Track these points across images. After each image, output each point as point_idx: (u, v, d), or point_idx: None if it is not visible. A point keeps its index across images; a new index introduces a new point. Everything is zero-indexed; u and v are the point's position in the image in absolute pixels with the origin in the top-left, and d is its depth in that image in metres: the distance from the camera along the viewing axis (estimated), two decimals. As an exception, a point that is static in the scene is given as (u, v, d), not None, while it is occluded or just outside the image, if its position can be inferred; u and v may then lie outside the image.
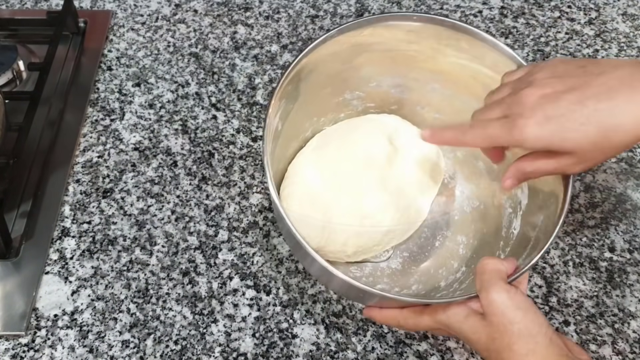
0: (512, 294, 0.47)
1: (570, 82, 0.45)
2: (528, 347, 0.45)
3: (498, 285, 0.47)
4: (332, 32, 0.57)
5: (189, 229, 0.65)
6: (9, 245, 0.62)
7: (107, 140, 0.72)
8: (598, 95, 0.43)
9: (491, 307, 0.46)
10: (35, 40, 0.79)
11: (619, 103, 0.43)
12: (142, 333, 0.58)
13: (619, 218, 0.69)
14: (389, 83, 0.65)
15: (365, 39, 0.59)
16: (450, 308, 0.48)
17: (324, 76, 0.61)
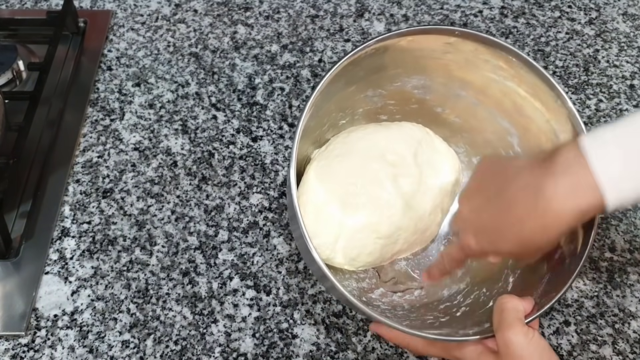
0: (530, 337, 0.47)
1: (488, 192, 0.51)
2: None
3: (516, 327, 0.47)
4: (370, 42, 0.56)
5: (189, 229, 0.65)
6: (9, 245, 0.62)
7: (107, 140, 0.72)
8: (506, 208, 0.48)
9: (508, 348, 0.46)
10: (35, 40, 0.79)
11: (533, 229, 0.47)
12: (142, 333, 0.58)
13: (619, 218, 0.69)
14: (413, 84, 0.64)
15: (401, 44, 0.59)
16: (465, 346, 0.49)
17: (351, 80, 0.60)
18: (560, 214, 0.45)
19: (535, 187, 0.45)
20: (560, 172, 0.44)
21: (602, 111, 0.78)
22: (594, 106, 0.79)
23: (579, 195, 0.44)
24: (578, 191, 0.44)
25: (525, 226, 0.47)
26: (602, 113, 0.78)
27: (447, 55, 0.60)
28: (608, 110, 0.78)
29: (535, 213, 0.46)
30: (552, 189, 0.44)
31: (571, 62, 0.83)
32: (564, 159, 0.45)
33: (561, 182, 0.44)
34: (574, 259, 0.52)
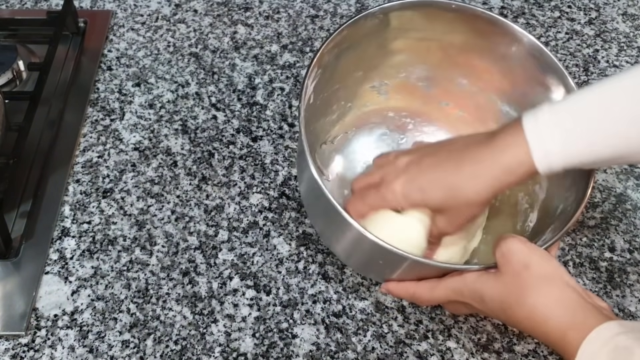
0: (528, 243, 0.48)
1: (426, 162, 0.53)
2: (544, 289, 0.45)
3: (512, 237, 0.48)
4: (374, 9, 0.57)
5: (189, 229, 0.65)
6: (9, 245, 0.62)
7: (107, 140, 0.72)
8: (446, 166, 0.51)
9: (505, 256, 0.47)
10: (35, 40, 0.79)
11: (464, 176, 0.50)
12: (142, 333, 0.58)
13: (619, 218, 0.69)
14: (417, 75, 0.65)
15: (403, 23, 0.59)
16: (466, 273, 0.49)
17: (358, 57, 0.61)
18: (492, 165, 0.48)
19: (474, 146, 0.50)
20: (499, 135, 0.49)
21: (602, 111, 0.78)
22: (593, 106, 0.79)
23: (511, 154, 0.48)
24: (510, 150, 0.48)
25: (458, 174, 0.50)
26: (602, 113, 0.78)
27: (447, 36, 0.60)
28: (608, 110, 0.78)
29: (469, 162, 0.49)
30: (486, 146, 0.49)
31: (571, 62, 0.83)
32: (505, 127, 0.49)
33: (498, 141, 0.49)
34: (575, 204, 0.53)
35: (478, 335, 0.60)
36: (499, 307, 0.47)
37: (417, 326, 0.60)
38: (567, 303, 0.45)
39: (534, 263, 0.46)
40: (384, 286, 0.55)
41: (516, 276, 0.46)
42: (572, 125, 0.46)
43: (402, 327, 0.60)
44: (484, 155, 0.49)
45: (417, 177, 0.52)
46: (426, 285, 0.52)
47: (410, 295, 0.53)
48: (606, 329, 0.42)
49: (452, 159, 0.51)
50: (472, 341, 0.59)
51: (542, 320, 0.45)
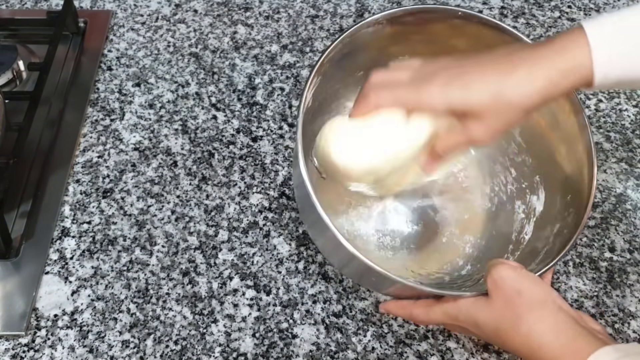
0: (518, 269, 0.47)
1: (473, 61, 0.48)
2: (537, 314, 0.45)
3: (502, 264, 0.48)
4: (377, 16, 0.57)
5: (189, 229, 0.65)
6: (9, 245, 0.62)
7: (107, 140, 0.72)
8: (497, 65, 0.46)
9: (497, 284, 0.47)
10: (35, 40, 0.79)
11: (518, 74, 0.45)
12: (142, 333, 0.58)
13: (619, 218, 0.69)
14: None
15: (406, 29, 0.59)
16: (460, 299, 0.49)
17: (359, 59, 0.61)
18: (549, 65, 0.45)
19: (528, 48, 0.46)
20: (558, 38, 0.46)
21: (602, 111, 0.78)
22: (593, 106, 0.79)
23: (570, 56, 0.45)
24: (570, 51, 0.45)
25: (511, 73, 0.46)
26: (602, 113, 0.78)
27: (451, 40, 0.60)
28: (608, 110, 0.78)
29: (524, 62, 0.46)
30: (543, 47, 0.46)
31: (571, 62, 0.83)
32: (564, 32, 0.46)
33: (556, 43, 0.45)
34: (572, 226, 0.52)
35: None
36: (493, 334, 0.47)
37: (417, 326, 0.60)
38: (561, 329, 0.45)
39: (525, 289, 0.46)
40: (383, 306, 0.55)
41: (509, 303, 0.46)
42: (636, 34, 0.44)
43: (402, 327, 0.60)
44: (541, 55, 0.45)
45: (460, 75, 0.47)
46: (423, 307, 0.52)
47: (408, 315, 0.53)
48: (602, 355, 0.42)
49: (503, 59, 0.47)
50: (472, 341, 0.59)
51: (537, 347, 0.45)
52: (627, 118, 0.78)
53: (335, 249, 0.51)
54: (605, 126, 0.77)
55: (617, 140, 0.76)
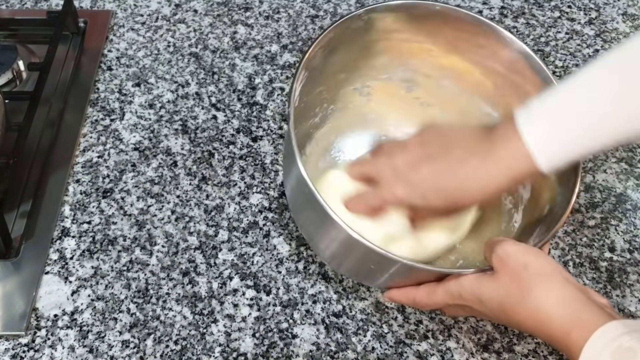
0: (522, 244, 0.48)
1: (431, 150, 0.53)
2: (545, 287, 0.45)
3: (505, 241, 0.49)
4: (359, 11, 0.57)
5: (189, 229, 0.65)
6: (9, 245, 0.62)
7: (107, 140, 0.72)
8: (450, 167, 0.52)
9: (503, 259, 0.47)
10: (35, 40, 0.79)
11: (467, 174, 0.51)
12: (142, 333, 0.58)
13: (619, 218, 0.69)
14: (400, 77, 0.65)
15: (387, 25, 0.60)
16: (462, 276, 0.49)
17: (342, 59, 0.61)
18: (496, 177, 0.50)
19: (480, 153, 0.50)
20: (499, 141, 0.49)
21: (602, 111, 0.78)
22: (593, 106, 0.79)
23: (514, 164, 0.49)
24: (513, 158, 0.49)
25: (461, 187, 0.51)
26: (602, 113, 0.78)
27: (429, 38, 0.61)
28: (608, 110, 0.78)
29: (471, 172, 0.50)
30: (492, 155, 0.50)
31: (571, 62, 0.83)
32: (502, 130, 0.50)
33: (498, 151, 0.49)
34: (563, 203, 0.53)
35: (478, 335, 0.60)
36: (498, 308, 0.47)
37: (417, 326, 0.60)
38: (570, 301, 0.45)
39: (531, 262, 0.46)
40: (387, 294, 0.55)
41: (515, 277, 0.46)
42: (567, 116, 0.47)
43: (402, 327, 0.60)
44: (486, 166, 0.50)
45: (418, 184, 0.52)
46: (425, 290, 0.52)
47: (411, 301, 0.53)
48: (610, 329, 0.42)
49: (453, 165, 0.51)
50: (472, 341, 0.59)
51: (545, 319, 0.45)
52: (627, 118, 0.78)
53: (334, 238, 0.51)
54: (605, 126, 0.77)
55: (617, 140, 0.76)
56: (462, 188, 0.51)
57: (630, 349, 0.40)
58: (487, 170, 0.50)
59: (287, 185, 0.58)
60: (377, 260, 0.49)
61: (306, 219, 0.56)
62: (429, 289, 0.51)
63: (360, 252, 0.49)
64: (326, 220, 0.49)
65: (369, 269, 0.54)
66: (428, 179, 0.52)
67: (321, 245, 0.56)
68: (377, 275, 0.53)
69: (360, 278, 0.60)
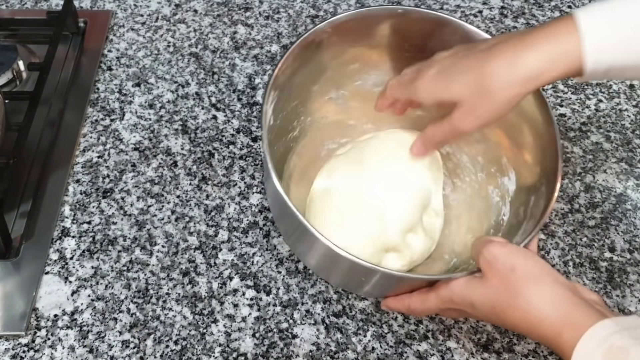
0: (509, 245, 0.47)
1: (463, 53, 0.50)
2: (534, 288, 0.45)
3: (492, 243, 0.48)
4: (322, 24, 0.58)
5: (189, 229, 0.65)
6: (9, 245, 0.62)
7: (107, 140, 0.72)
8: (482, 54, 0.47)
9: (490, 262, 0.47)
10: (35, 40, 0.79)
11: (500, 61, 0.46)
12: (142, 333, 0.58)
13: (619, 218, 0.69)
14: (373, 81, 0.65)
15: (352, 34, 0.60)
16: (452, 281, 0.49)
17: (312, 71, 0.61)
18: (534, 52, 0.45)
19: (517, 34, 0.47)
20: (547, 25, 0.46)
21: (602, 111, 0.78)
22: (593, 106, 0.79)
23: (558, 42, 0.45)
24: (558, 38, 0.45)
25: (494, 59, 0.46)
26: (601, 113, 0.78)
27: (396, 41, 0.61)
28: (608, 110, 0.78)
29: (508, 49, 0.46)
30: (530, 34, 0.46)
31: (571, 62, 0.83)
32: (554, 19, 0.47)
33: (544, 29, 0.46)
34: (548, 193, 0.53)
35: (478, 335, 0.60)
36: (490, 312, 0.47)
37: (417, 326, 0.60)
38: (560, 301, 0.44)
39: (519, 264, 0.46)
40: (384, 303, 0.56)
41: (504, 280, 0.46)
42: (627, 22, 0.44)
43: (402, 327, 0.60)
44: (526, 42, 0.46)
45: (448, 67, 0.49)
46: (418, 297, 0.52)
47: (407, 308, 0.53)
48: (601, 328, 0.42)
49: (491, 47, 0.48)
50: (472, 341, 0.59)
51: (536, 321, 0.45)
52: (627, 118, 0.78)
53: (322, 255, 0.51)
54: (605, 126, 0.77)
55: (617, 140, 0.76)
56: (494, 66, 0.46)
57: (621, 348, 0.40)
58: (524, 47, 0.45)
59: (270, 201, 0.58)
60: (360, 271, 0.49)
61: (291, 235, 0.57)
62: (422, 296, 0.51)
63: (344, 264, 0.49)
64: (307, 235, 0.49)
65: (358, 280, 0.54)
66: (460, 59, 0.49)
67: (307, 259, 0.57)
68: (364, 285, 0.54)
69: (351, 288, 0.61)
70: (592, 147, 0.75)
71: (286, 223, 0.56)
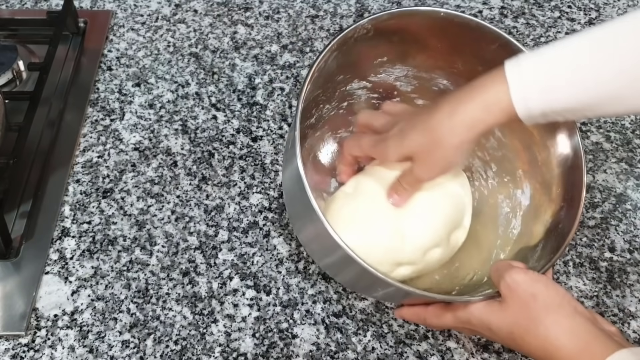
0: (530, 273, 0.48)
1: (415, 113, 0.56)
2: (554, 318, 0.45)
3: (515, 269, 0.48)
4: (364, 21, 0.57)
5: (189, 229, 0.65)
6: (9, 245, 0.62)
7: (107, 140, 0.72)
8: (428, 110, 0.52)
9: (511, 288, 0.47)
10: (35, 40, 0.79)
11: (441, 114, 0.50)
12: (142, 333, 0.58)
13: (619, 218, 0.69)
14: (397, 74, 0.65)
15: (390, 30, 0.60)
16: (470, 304, 0.49)
17: (341, 63, 0.61)
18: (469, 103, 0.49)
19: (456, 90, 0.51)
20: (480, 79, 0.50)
21: (602, 111, 0.78)
22: (593, 106, 0.79)
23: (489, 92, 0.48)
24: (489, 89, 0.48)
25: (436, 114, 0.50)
26: (602, 113, 0.78)
27: (430, 41, 0.61)
28: (608, 110, 0.78)
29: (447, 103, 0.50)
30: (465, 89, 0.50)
31: (571, 62, 0.83)
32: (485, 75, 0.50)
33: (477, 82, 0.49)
34: (568, 220, 0.52)
35: (478, 335, 0.60)
36: (508, 337, 0.47)
37: (417, 326, 0.60)
38: (578, 332, 0.45)
39: (540, 292, 0.46)
40: (398, 312, 0.56)
41: (524, 307, 0.46)
42: (553, 68, 0.46)
43: (402, 327, 0.60)
44: (462, 95, 0.50)
45: (404, 127, 0.53)
46: (434, 313, 0.52)
47: (422, 320, 0.54)
48: (618, 359, 0.42)
49: (435, 104, 0.52)
50: (472, 341, 0.59)
51: (554, 350, 0.45)
52: (627, 118, 0.78)
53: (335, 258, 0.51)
54: (605, 126, 0.77)
55: (617, 140, 0.76)
56: (436, 120, 0.50)
57: None
58: (460, 100, 0.49)
59: (285, 190, 0.58)
60: (373, 281, 0.49)
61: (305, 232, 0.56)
62: (438, 312, 0.52)
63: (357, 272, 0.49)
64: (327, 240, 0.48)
65: (366, 286, 0.54)
66: (411, 118, 0.53)
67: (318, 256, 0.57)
68: (373, 292, 0.53)
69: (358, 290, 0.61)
70: (592, 147, 0.75)
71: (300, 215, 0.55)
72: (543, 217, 0.56)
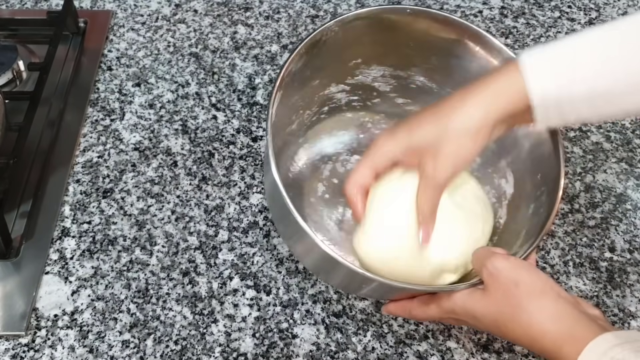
0: (512, 259, 0.48)
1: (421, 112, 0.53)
2: (537, 303, 0.45)
3: (495, 255, 0.48)
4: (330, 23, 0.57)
5: (189, 229, 0.65)
6: (9, 245, 0.62)
7: (107, 140, 0.72)
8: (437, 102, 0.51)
9: (493, 275, 0.47)
10: (35, 40, 0.79)
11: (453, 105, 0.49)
12: (142, 333, 0.58)
13: (619, 218, 0.69)
14: (374, 75, 0.66)
15: (358, 31, 0.60)
16: (454, 293, 0.49)
17: (315, 67, 0.61)
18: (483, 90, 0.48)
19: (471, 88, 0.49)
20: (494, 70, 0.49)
21: (602, 111, 0.78)
22: (593, 106, 0.79)
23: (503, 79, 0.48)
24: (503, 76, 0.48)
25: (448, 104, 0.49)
26: (602, 113, 0.78)
27: (403, 39, 0.61)
28: (608, 110, 0.78)
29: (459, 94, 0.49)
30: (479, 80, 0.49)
31: (571, 62, 0.83)
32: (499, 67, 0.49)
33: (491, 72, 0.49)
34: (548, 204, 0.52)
35: (478, 335, 0.60)
36: (492, 324, 0.47)
37: (417, 326, 0.60)
38: (562, 316, 0.45)
39: (522, 279, 0.46)
40: (385, 308, 0.56)
41: (507, 294, 0.46)
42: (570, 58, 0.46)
43: (402, 327, 0.60)
44: (473, 87, 0.49)
45: (410, 123, 0.51)
46: (419, 304, 0.52)
47: (407, 314, 0.54)
48: (602, 342, 0.42)
49: (444, 99, 0.51)
50: (472, 341, 0.59)
51: (538, 336, 0.45)
52: (627, 118, 0.78)
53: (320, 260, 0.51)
54: (605, 126, 0.77)
55: (617, 140, 0.76)
56: (448, 109, 0.49)
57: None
58: (473, 89, 0.49)
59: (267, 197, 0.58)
60: (356, 279, 0.49)
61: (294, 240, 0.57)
62: (423, 304, 0.51)
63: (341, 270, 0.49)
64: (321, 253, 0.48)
65: (351, 284, 0.54)
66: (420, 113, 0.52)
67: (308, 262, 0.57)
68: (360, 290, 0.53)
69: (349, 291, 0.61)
70: (592, 147, 0.75)
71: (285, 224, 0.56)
72: (527, 203, 0.57)
